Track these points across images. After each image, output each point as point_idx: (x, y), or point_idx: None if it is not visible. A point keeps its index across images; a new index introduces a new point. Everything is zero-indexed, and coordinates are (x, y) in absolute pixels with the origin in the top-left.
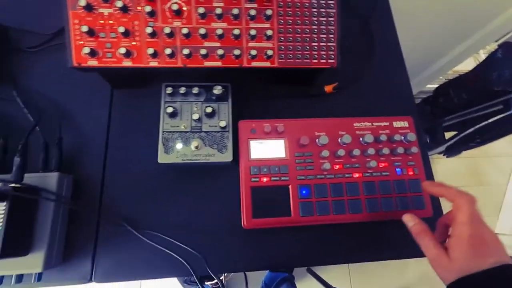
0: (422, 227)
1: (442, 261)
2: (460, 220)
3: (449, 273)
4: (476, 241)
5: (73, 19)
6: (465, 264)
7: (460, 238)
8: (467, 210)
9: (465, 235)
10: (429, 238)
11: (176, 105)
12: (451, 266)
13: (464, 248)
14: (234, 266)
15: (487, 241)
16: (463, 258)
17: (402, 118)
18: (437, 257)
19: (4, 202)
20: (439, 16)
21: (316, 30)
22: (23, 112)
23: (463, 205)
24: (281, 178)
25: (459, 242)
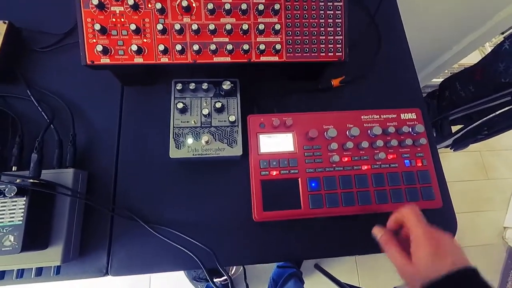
0: (388, 237)
1: (407, 268)
2: (412, 226)
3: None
4: (432, 241)
5: (85, 18)
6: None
7: (418, 241)
8: (413, 215)
9: (420, 236)
10: (395, 247)
11: (186, 100)
12: (414, 270)
13: (423, 250)
14: (245, 259)
15: (442, 242)
16: (423, 261)
17: (410, 110)
18: (402, 264)
19: (24, 197)
20: (445, 9)
21: (323, 24)
22: (37, 110)
23: (408, 213)
24: (290, 171)
25: (417, 245)
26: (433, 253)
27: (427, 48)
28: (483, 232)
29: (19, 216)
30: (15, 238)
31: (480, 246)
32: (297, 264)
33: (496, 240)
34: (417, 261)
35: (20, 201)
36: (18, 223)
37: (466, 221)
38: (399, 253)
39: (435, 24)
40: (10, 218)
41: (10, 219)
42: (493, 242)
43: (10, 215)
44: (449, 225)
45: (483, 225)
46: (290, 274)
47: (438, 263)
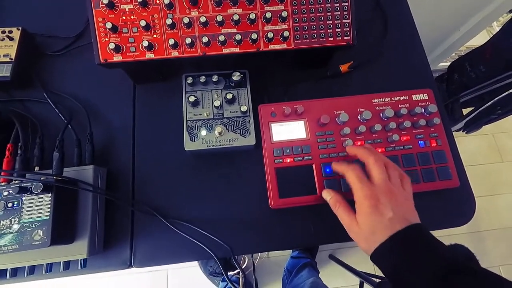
0: (336, 198)
1: (353, 227)
2: (353, 188)
3: (359, 238)
4: (371, 201)
5: (97, 17)
6: (367, 226)
7: (358, 201)
8: (353, 178)
9: (360, 197)
10: (343, 208)
11: (197, 94)
12: (359, 230)
13: (362, 209)
14: (262, 246)
15: (380, 199)
16: (364, 219)
17: (422, 90)
18: (349, 223)
19: (50, 193)
20: None
21: (330, 8)
22: (55, 112)
23: (349, 176)
24: (304, 158)
25: (358, 205)
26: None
27: (434, 30)
28: (501, 215)
29: (46, 211)
30: (44, 232)
31: (499, 229)
32: (311, 255)
33: None
34: (359, 221)
35: (46, 197)
36: (46, 218)
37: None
38: (347, 214)
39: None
40: (38, 213)
41: (38, 214)
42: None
43: (38, 211)
44: (467, 204)
45: (500, 208)
46: (304, 263)
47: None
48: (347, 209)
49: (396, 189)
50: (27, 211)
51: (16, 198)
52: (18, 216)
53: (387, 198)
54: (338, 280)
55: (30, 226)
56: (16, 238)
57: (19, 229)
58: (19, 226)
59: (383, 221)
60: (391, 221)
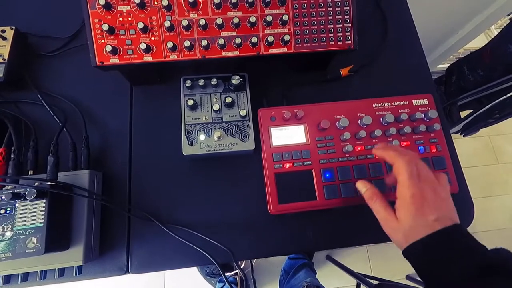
0: (373, 191)
1: (390, 222)
2: (400, 181)
3: (396, 233)
4: (417, 199)
5: (93, 19)
6: (409, 224)
7: (402, 199)
8: (405, 172)
9: (406, 195)
10: (380, 201)
11: (196, 97)
12: (398, 226)
13: (407, 208)
14: (262, 252)
15: (428, 199)
16: (407, 218)
17: (422, 96)
18: (386, 218)
19: (44, 200)
20: None
21: (331, 12)
22: (49, 114)
23: (401, 167)
24: (304, 163)
25: (402, 202)
26: (417, 213)
27: (432, 33)
28: (497, 216)
29: (40, 218)
30: (38, 239)
31: (494, 230)
32: (308, 256)
33: (511, 224)
34: (401, 216)
35: (40, 203)
36: (40, 225)
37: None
38: (384, 208)
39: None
40: (32, 220)
41: (31, 221)
42: (507, 226)
43: (31, 218)
44: (466, 210)
45: (496, 210)
46: (301, 264)
47: (421, 222)
48: (384, 203)
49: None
50: (21, 218)
51: (9, 205)
52: (11, 223)
53: (433, 199)
54: (335, 281)
55: (24, 234)
56: (9, 245)
57: (12, 237)
58: (12, 234)
59: (427, 221)
60: (434, 222)
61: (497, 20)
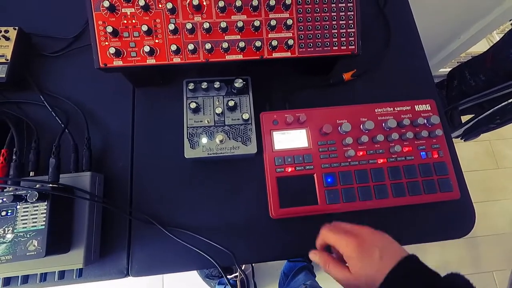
0: (324, 258)
1: (350, 280)
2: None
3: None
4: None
5: (97, 21)
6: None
7: (344, 251)
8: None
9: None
10: (333, 264)
11: (198, 100)
12: (356, 279)
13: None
14: (263, 256)
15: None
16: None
17: (424, 101)
18: (344, 277)
19: (45, 202)
20: None
21: (335, 17)
22: (51, 115)
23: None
24: (306, 167)
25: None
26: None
27: (435, 37)
28: (497, 221)
29: (41, 220)
30: (38, 242)
31: (494, 235)
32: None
33: (510, 229)
34: (353, 271)
35: (42, 206)
36: (41, 227)
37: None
38: (339, 269)
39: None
40: (33, 223)
41: (33, 224)
42: (507, 231)
43: (32, 220)
44: (467, 216)
45: (496, 215)
46: (301, 267)
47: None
48: (338, 265)
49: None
50: (22, 220)
51: (10, 207)
52: (12, 225)
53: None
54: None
55: (25, 236)
56: (9, 248)
57: (13, 239)
58: (13, 236)
59: (374, 261)
60: (382, 260)
61: (499, 25)
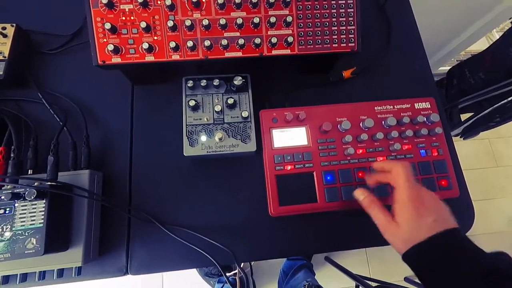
0: (371, 198)
1: (390, 227)
2: (398, 185)
3: (396, 238)
4: (415, 202)
5: (95, 17)
6: (408, 227)
7: (401, 202)
8: (403, 175)
9: (404, 198)
10: (378, 208)
11: (198, 98)
12: (398, 231)
13: (406, 210)
14: (262, 254)
15: (425, 200)
16: (407, 221)
17: (424, 99)
18: (385, 223)
19: (44, 200)
20: None
21: (335, 14)
22: (49, 113)
23: (399, 171)
24: (305, 165)
25: (400, 205)
26: (416, 215)
27: (434, 35)
28: (495, 220)
29: (39, 218)
30: (37, 240)
31: (492, 233)
32: (307, 256)
33: (508, 228)
34: (400, 220)
35: (40, 203)
36: (39, 225)
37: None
38: (383, 214)
39: (443, 10)
40: (31, 221)
41: (31, 222)
42: (505, 230)
43: (31, 218)
44: (466, 214)
45: (494, 213)
46: (300, 265)
47: (420, 224)
48: (383, 210)
49: (433, 194)
50: (20, 218)
51: (8, 205)
52: (10, 223)
53: (430, 201)
54: (334, 282)
55: (23, 234)
56: (8, 246)
57: (11, 237)
58: (11, 234)
59: (426, 223)
60: (433, 223)
61: (499, 24)
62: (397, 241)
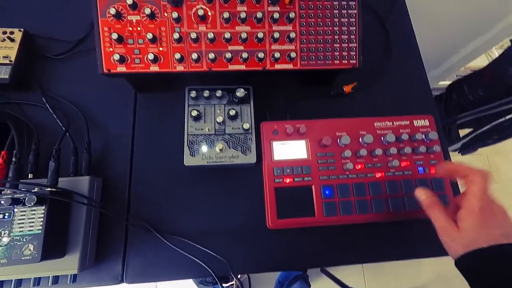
0: (433, 199)
1: (450, 231)
2: (472, 192)
3: (456, 243)
4: (485, 212)
5: (102, 27)
6: (472, 234)
7: (471, 209)
8: (480, 184)
9: (475, 206)
10: (439, 210)
11: (200, 108)
12: (459, 236)
13: (474, 219)
14: (259, 267)
15: (496, 213)
16: (471, 228)
17: (423, 116)
18: (446, 226)
19: (43, 206)
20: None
21: (337, 31)
22: (52, 117)
23: (478, 180)
24: (304, 178)
25: (469, 212)
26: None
27: (433, 51)
28: None
29: (38, 224)
30: (34, 247)
31: None
32: (303, 268)
33: None
34: (464, 226)
35: (39, 209)
36: (38, 232)
37: None
38: (444, 216)
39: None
40: (30, 227)
41: (29, 228)
42: None
43: (29, 224)
44: None
45: None
46: (296, 276)
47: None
48: (444, 212)
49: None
50: (18, 224)
51: (7, 210)
52: (9, 229)
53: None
54: None
55: (21, 240)
56: (5, 252)
57: (9, 243)
58: (9, 239)
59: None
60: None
61: (499, 42)
62: (456, 245)
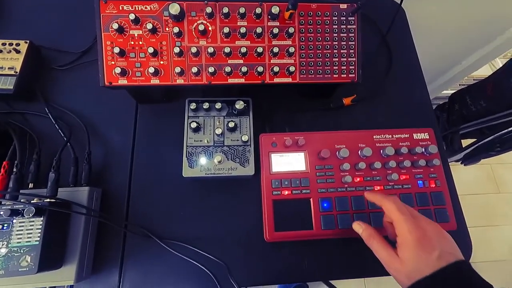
0: (370, 232)
1: (393, 263)
2: (395, 220)
3: (400, 275)
4: (418, 237)
5: (105, 41)
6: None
7: (402, 236)
8: (395, 209)
9: (405, 231)
10: (377, 242)
11: (199, 119)
12: (402, 267)
13: (409, 248)
14: (257, 280)
15: (427, 232)
16: (410, 259)
17: (423, 130)
18: (387, 258)
19: (41, 217)
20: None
21: (337, 46)
22: (54, 127)
23: (390, 207)
24: (302, 191)
25: (402, 240)
26: (420, 249)
27: (437, 61)
28: (496, 247)
29: (36, 236)
30: (31, 258)
31: (493, 262)
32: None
33: (510, 256)
34: (403, 258)
35: (38, 221)
36: (35, 243)
37: (478, 236)
38: (384, 248)
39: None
40: (28, 238)
41: (27, 239)
42: (507, 258)
43: (27, 235)
44: (463, 248)
45: (495, 240)
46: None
47: (424, 259)
48: (384, 244)
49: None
50: (17, 235)
51: (6, 221)
52: (7, 240)
53: (432, 232)
54: None
55: (18, 251)
56: (2, 263)
57: (7, 254)
58: (6, 251)
59: (430, 257)
60: (438, 258)
61: (501, 54)
62: (401, 277)
